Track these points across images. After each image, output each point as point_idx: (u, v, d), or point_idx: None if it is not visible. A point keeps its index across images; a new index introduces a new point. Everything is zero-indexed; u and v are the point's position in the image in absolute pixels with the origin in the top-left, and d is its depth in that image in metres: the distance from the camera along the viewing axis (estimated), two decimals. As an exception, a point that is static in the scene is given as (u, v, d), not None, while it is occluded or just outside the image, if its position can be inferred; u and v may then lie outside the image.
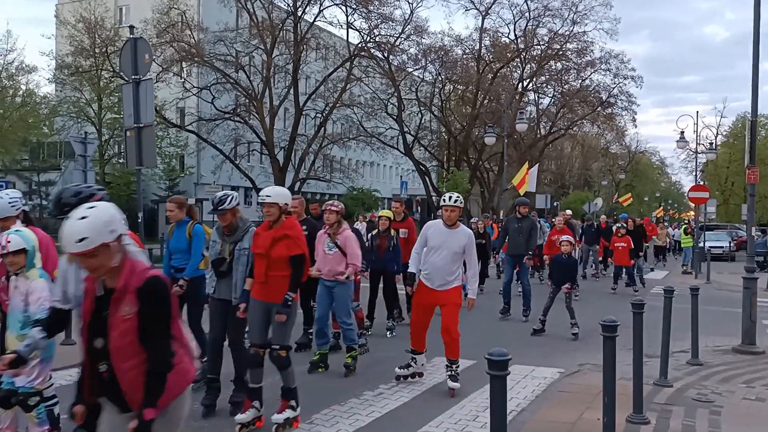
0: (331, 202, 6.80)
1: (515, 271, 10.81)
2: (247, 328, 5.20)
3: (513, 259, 10.56)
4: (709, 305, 11.60)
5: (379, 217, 8.58)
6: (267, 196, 4.84)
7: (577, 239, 15.93)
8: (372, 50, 32.51)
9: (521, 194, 27.00)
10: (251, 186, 32.41)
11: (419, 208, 50.00)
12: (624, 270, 14.17)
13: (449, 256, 5.81)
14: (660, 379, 6.17)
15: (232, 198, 5.11)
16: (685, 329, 7.40)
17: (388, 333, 8.58)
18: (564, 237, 9.15)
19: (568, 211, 17.98)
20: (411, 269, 6.06)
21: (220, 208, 4.98)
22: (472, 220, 14.49)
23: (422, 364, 6.29)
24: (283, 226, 4.83)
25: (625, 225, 15.01)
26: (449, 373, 5.88)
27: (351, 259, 6.41)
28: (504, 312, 10.37)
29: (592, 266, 17.72)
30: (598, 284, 16.16)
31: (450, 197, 5.93)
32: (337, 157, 37.76)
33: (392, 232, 8.34)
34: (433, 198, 37.51)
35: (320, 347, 6.56)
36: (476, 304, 6.27)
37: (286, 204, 4.91)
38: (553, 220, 14.75)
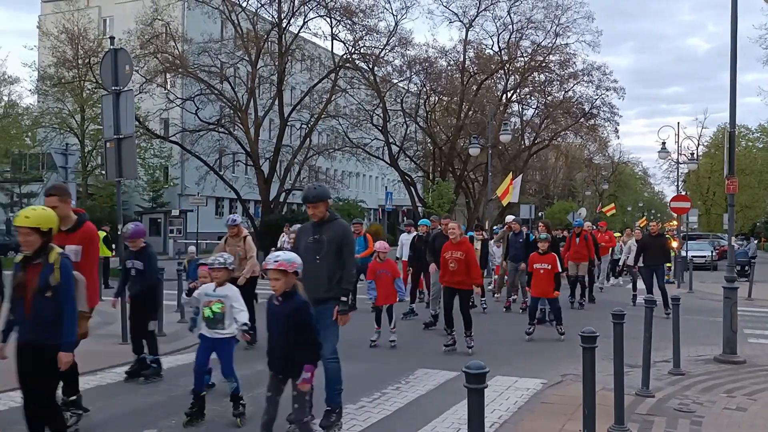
0: None
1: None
2: None
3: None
4: (692, 315, 11.67)
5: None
6: None
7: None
8: (357, 61, 32.62)
9: (504, 205, 27.17)
10: (236, 197, 32.19)
11: (405, 219, 50.06)
12: (547, 303, 9.69)
13: None
14: (642, 390, 6.18)
15: None
16: (668, 339, 7.43)
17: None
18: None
19: (434, 216, 13.64)
20: None
21: None
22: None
23: None
24: None
25: (548, 236, 9.70)
26: None
27: None
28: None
29: (513, 295, 12.69)
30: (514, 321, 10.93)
31: None
32: (322, 168, 37.77)
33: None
34: (419, 209, 37.59)
35: None
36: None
37: None
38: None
